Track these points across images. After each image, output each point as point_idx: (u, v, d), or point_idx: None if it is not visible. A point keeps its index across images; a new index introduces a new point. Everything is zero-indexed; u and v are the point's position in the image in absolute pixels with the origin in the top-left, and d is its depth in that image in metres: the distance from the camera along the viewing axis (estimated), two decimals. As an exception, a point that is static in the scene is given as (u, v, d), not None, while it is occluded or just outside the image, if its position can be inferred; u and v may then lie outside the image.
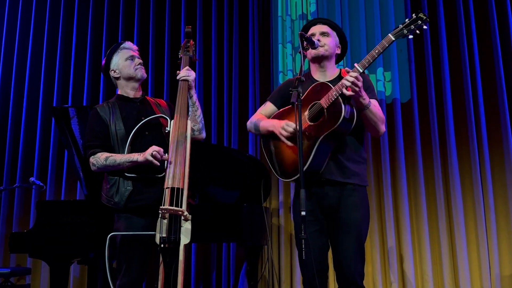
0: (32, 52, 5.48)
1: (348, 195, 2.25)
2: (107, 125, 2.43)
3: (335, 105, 2.14)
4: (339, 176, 2.25)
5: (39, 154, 5.21)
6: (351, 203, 2.24)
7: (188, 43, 2.62)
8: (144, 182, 2.37)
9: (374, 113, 2.22)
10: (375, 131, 2.30)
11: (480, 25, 4.68)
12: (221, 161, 3.97)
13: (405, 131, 4.61)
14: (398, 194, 4.48)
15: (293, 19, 5.07)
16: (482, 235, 4.25)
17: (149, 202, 2.33)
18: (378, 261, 4.36)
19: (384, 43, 2.15)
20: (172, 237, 2.11)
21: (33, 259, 4.83)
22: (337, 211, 2.25)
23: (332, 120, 2.13)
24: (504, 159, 4.36)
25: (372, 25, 4.86)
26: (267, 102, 2.52)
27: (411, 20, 2.15)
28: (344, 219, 2.23)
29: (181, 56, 2.61)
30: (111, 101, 2.55)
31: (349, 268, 2.20)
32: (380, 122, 2.27)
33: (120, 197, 2.35)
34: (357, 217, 2.24)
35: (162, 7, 5.35)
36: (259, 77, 5.00)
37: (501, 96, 4.45)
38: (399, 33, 2.16)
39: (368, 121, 2.24)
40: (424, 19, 2.13)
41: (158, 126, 2.45)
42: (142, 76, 2.55)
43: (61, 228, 3.30)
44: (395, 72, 4.72)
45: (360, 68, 2.14)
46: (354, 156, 2.29)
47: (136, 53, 2.59)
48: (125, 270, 2.30)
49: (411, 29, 2.15)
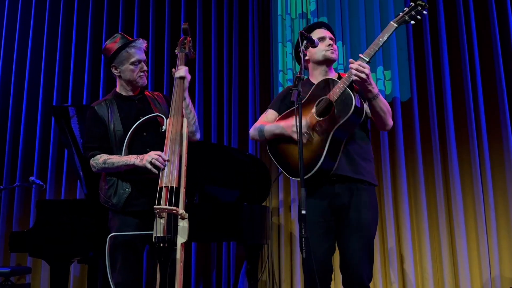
0: (32, 50, 5.48)
1: (359, 194, 2.22)
2: (105, 125, 2.41)
3: (345, 96, 2.13)
4: (350, 172, 2.21)
5: (39, 153, 5.21)
6: (362, 202, 2.21)
7: (185, 40, 2.57)
8: (143, 183, 2.36)
9: (384, 103, 2.22)
10: (383, 124, 2.29)
11: (480, 24, 4.68)
12: (221, 160, 3.97)
13: (405, 130, 4.61)
14: (398, 193, 4.48)
15: (293, 18, 5.07)
16: (482, 234, 4.25)
17: (145, 208, 2.33)
18: (378, 260, 4.36)
19: (387, 30, 2.19)
20: (167, 236, 2.10)
21: (33, 258, 4.83)
22: (348, 210, 2.21)
23: (343, 111, 2.11)
24: (504, 158, 4.36)
25: (372, 23, 4.85)
26: (268, 110, 2.49)
27: (411, 7, 2.20)
28: (354, 219, 2.20)
29: (178, 53, 2.55)
30: (108, 99, 2.51)
31: (358, 269, 2.16)
32: (389, 114, 2.26)
33: (118, 199, 2.36)
34: (367, 217, 2.21)
35: (162, 5, 5.35)
36: (259, 75, 5.00)
37: (501, 94, 4.45)
38: (400, 20, 2.20)
39: (377, 112, 2.23)
40: (423, 5, 2.18)
41: (156, 125, 2.42)
42: (142, 84, 2.50)
43: (61, 227, 3.29)
44: (395, 70, 4.72)
45: (366, 57, 2.15)
46: (364, 154, 2.28)
47: (143, 57, 2.48)
48: (120, 269, 2.30)
49: (412, 15, 2.19)
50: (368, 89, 2.15)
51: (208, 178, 3.95)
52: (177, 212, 2.11)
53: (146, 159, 2.24)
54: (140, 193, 2.36)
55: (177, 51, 2.55)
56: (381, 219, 4.48)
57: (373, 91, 2.16)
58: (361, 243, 2.18)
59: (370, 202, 2.24)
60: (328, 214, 2.24)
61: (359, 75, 2.09)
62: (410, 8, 2.20)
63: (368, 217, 2.21)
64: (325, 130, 2.16)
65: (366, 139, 2.33)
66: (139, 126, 2.38)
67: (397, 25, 2.18)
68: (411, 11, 2.19)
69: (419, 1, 2.18)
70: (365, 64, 2.11)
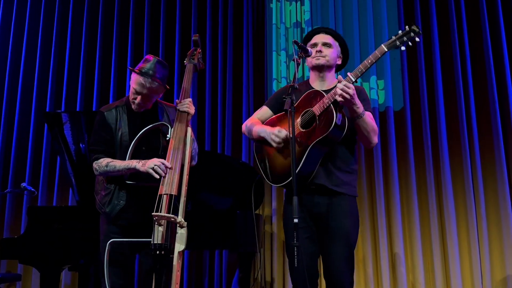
0: (26, 56, 5.46)
1: (338, 203, 2.27)
2: (112, 132, 2.42)
3: (327, 113, 2.16)
4: (328, 183, 2.26)
5: (31, 159, 5.18)
6: (340, 211, 2.26)
7: (195, 51, 2.58)
8: (140, 193, 2.37)
9: (367, 123, 2.24)
10: (367, 142, 2.31)
11: (472, 34, 4.73)
12: (214, 168, 3.96)
13: (397, 139, 4.63)
14: (390, 202, 4.49)
15: (287, 27, 5.10)
16: (474, 243, 4.27)
17: (132, 222, 2.39)
18: (370, 269, 4.36)
19: (377, 53, 2.18)
20: (164, 244, 2.10)
21: (23, 265, 4.78)
22: (327, 219, 2.26)
23: (323, 127, 2.16)
24: (495, 168, 4.39)
25: (366, 34, 4.89)
26: (263, 107, 2.54)
27: (404, 32, 2.18)
28: (333, 227, 2.24)
29: (186, 64, 2.56)
30: (120, 105, 2.49)
31: (340, 276, 2.21)
32: (373, 133, 2.28)
33: (111, 210, 2.39)
34: (347, 225, 2.25)
35: (156, 15, 5.35)
36: (253, 84, 5.01)
37: (492, 104, 4.49)
38: (392, 44, 2.19)
39: (361, 130, 2.26)
40: (417, 31, 2.16)
41: (156, 139, 2.43)
42: (136, 110, 2.45)
43: (52, 234, 3.27)
44: (388, 80, 4.75)
45: (353, 77, 2.17)
46: (344, 167, 2.31)
47: (143, 91, 2.37)
48: (111, 274, 2.30)
49: (403, 40, 2.18)
50: (353, 108, 2.18)
51: (201, 185, 3.95)
52: (175, 220, 2.11)
53: (148, 165, 2.25)
54: (133, 206, 2.39)
55: (186, 62, 2.56)
56: (374, 227, 4.49)
57: (358, 111, 2.19)
58: (342, 251, 2.22)
59: (350, 211, 2.28)
60: (308, 220, 2.28)
61: (344, 95, 2.11)
62: (403, 33, 2.18)
63: (347, 225, 2.25)
64: (305, 142, 2.20)
65: (349, 151, 2.35)
66: (140, 140, 2.38)
67: (387, 49, 2.18)
68: (403, 36, 2.17)
69: (414, 27, 2.16)
70: (350, 85, 2.13)
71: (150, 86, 2.35)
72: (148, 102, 2.43)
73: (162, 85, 2.41)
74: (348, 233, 2.24)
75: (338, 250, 2.22)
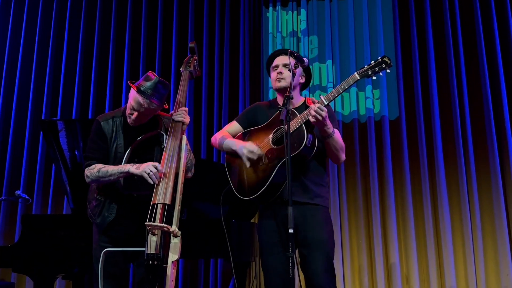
0: (22, 63, 5.46)
1: (312, 214, 2.32)
2: (107, 142, 2.41)
3: (299, 132, 2.24)
4: (302, 197, 2.32)
5: (26, 167, 5.16)
6: (316, 222, 2.31)
7: (191, 58, 2.59)
8: (130, 208, 2.37)
9: (336, 141, 2.33)
10: (336, 159, 2.40)
11: (467, 44, 4.77)
12: (210, 176, 3.95)
13: (393, 148, 4.65)
14: (386, 211, 4.50)
15: (284, 36, 5.12)
16: (469, 252, 4.28)
17: (123, 233, 2.39)
18: (365, 279, 4.35)
19: (349, 80, 2.27)
20: (156, 254, 2.08)
21: (17, 274, 4.74)
22: (303, 230, 2.30)
23: (294, 145, 2.22)
24: (490, 177, 4.40)
25: (361, 43, 4.92)
26: (233, 122, 2.60)
27: (376, 62, 2.27)
28: (311, 238, 2.28)
29: (182, 71, 2.56)
30: (117, 116, 2.47)
31: (322, 286, 2.22)
32: (341, 150, 2.37)
33: (101, 221, 2.39)
34: (324, 235, 2.29)
35: (154, 22, 5.37)
36: (249, 92, 5.02)
37: (487, 114, 4.52)
38: (363, 73, 2.28)
39: (331, 148, 2.34)
40: (388, 63, 2.25)
41: (150, 151, 2.42)
42: (132, 124, 2.44)
43: (46, 243, 3.25)
44: (383, 89, 4.77)
45: (325, 100, 2.25)
46: (317, 180, 2.38)
47: (140, 109, 2.35)
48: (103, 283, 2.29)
49: (375, 71, 2.26)
50: (324, 129, 2.26)
51: (196, 194, 3.94)
52: (168, 230, 2.10)
53: (142, 168, 2.23)
54: (124, 218, 2.38)
55: (182, 69, 2.57)
56: (369, 236, 4.49)
57: (328, 131, 2.27)
58: (321, 261, 2.25)
59: (324, 220, 2.34)
60: (283, 233, 2.31)
61: (317, 117, 2.19)
62: (375, 63, 2.26)
63: (324, 235, 2.29)
64: (275, 159, 2.28)
65: (321, 166, 2.43)
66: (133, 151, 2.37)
67: (359, 77, 2.27)
68: (375, 67, 2.26)
69: (385, 59, 2.25)
70: (324, 107, 2.20)
71: (148, 107, 2.35)
72: (144, 119, 2.42)
73: (161, 106, 2.41)
74: (326, 242, 2.29)
75: (318, 263, 2.25)
